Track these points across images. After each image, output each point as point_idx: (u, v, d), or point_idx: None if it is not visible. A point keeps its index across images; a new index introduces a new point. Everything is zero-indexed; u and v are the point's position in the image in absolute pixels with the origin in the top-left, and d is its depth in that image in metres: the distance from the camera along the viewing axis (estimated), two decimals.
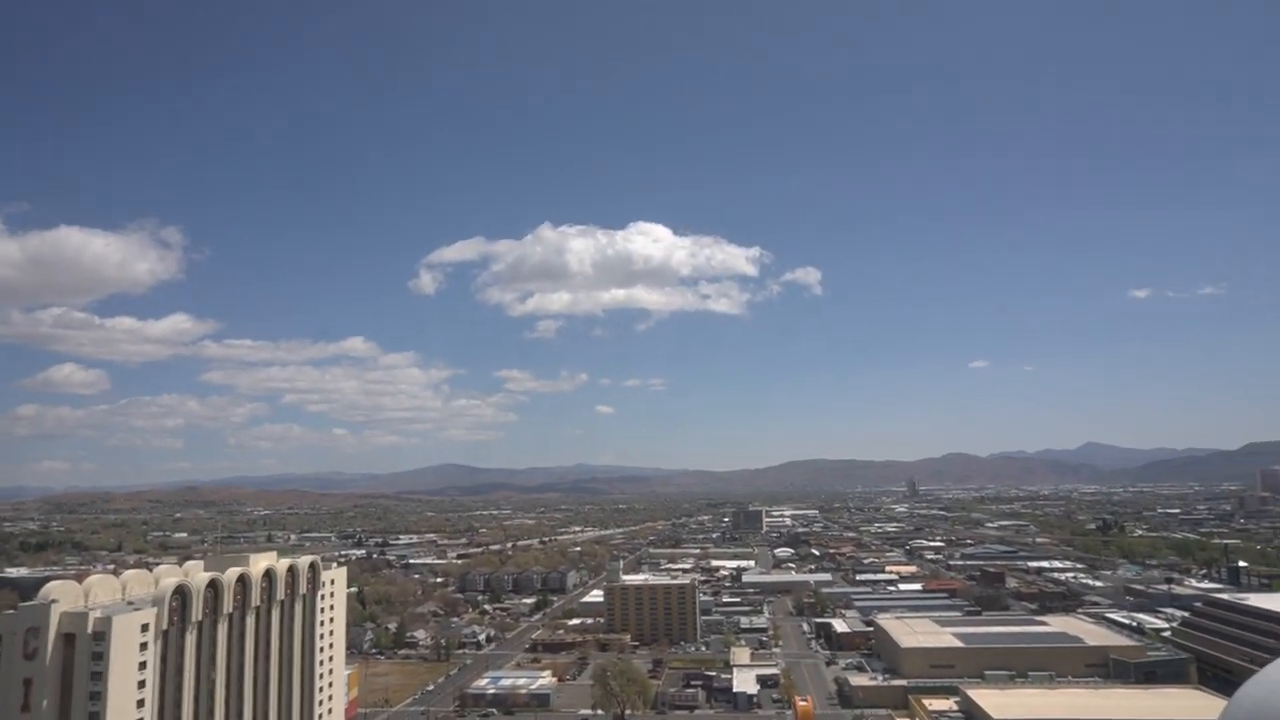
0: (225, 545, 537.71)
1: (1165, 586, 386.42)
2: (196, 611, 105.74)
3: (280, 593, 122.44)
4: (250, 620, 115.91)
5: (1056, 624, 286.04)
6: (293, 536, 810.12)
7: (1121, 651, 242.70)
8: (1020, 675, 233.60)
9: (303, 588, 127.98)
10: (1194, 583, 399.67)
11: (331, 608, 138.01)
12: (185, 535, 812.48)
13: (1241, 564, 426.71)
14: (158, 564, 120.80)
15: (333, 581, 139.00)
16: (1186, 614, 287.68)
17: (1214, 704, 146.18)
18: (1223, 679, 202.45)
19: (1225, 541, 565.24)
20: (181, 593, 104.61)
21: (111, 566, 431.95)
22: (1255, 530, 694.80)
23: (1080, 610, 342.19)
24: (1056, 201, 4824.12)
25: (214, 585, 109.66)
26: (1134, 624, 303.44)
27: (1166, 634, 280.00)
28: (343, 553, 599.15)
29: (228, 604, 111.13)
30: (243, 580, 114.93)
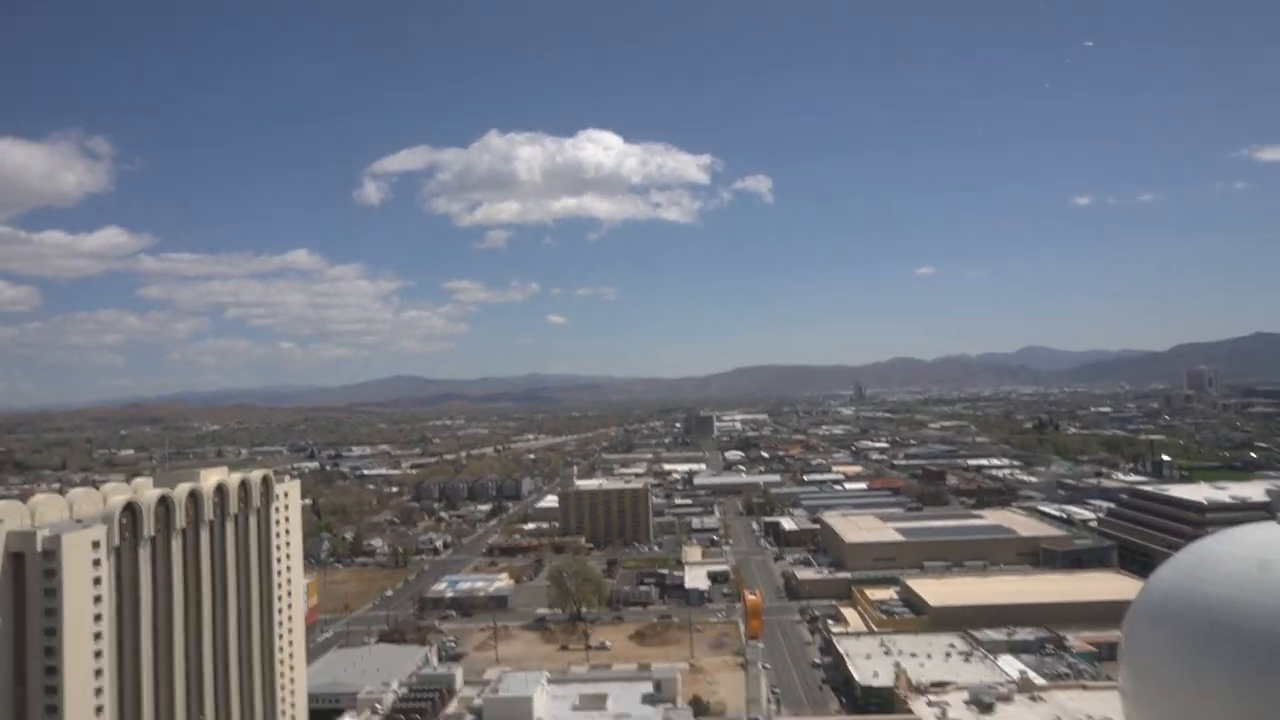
0: (174, 461, 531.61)
1: (1094, 480, 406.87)
2: (149, 528, 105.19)
3: (233, 507, 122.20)
4: (204, 535, 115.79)
5: (992, 517, 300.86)
6: (243, 451, 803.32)
7: (1050, 541, 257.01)
8: (957, 565, 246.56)
9: (256, 501, 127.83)
10: (1121, 476, 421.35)
11: (287, 520, 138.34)
12: (132, 453, 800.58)
13: (1165, 458, 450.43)
14: (105, 482, 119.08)
15: (286, 494, 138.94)
16: (1112, 505, 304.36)
17: (1132, 585, 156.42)
18: (1142, 563, 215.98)
19: (1151, 438, 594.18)
20: (132, 509, 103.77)
21: (57, 485, 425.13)
22: (1179, 426, 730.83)
23: (1015, 504, 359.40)
24: (1003, 110, 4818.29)
25: (165, 501, 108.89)
26: (1064, 515, 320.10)
27: (1093, 524, 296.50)
28: (295, 466, 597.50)
29: (180, 520, 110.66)
30: (194, 496, 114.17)
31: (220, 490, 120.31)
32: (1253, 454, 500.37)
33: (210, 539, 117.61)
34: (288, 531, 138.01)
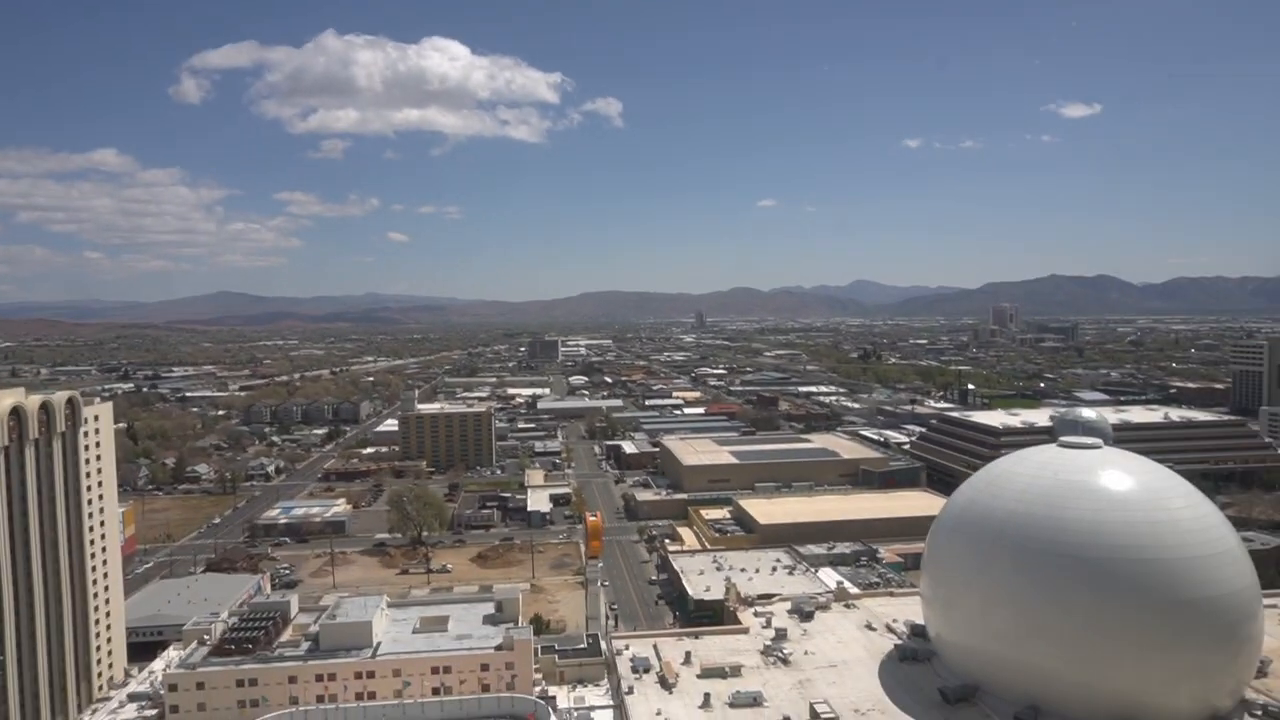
0: None
1: (909, 407, 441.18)
2: None
3: (33, 432, 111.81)
4: None
5: (819, 441, 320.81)
6: (43, 371, 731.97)
7: (869, 463, 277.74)
8: (785, 486, 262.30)
9: (60, 425, 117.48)
10: (932, 404, 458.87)
11: (98, 445, 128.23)
12: None
13: (970, 386, 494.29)
14: None
15: (96, 418, 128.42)
16: (924, 430, 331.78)
17: (937, 502, 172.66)
18: (947, 483, 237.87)
19: (959, 368, 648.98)
20: None
21: None
22: (984, 358, 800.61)
23: (840, 429, 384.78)
24: (845, 54, 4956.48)
25: None
26: (882, 439, 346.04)
27: (906, 447, 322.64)
28: (106, 387, 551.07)
29: None
30: None
31: (17, 414, 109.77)
32: (1041, 384, 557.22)
33: (6, 466, 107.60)
34: (99, 458, 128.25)
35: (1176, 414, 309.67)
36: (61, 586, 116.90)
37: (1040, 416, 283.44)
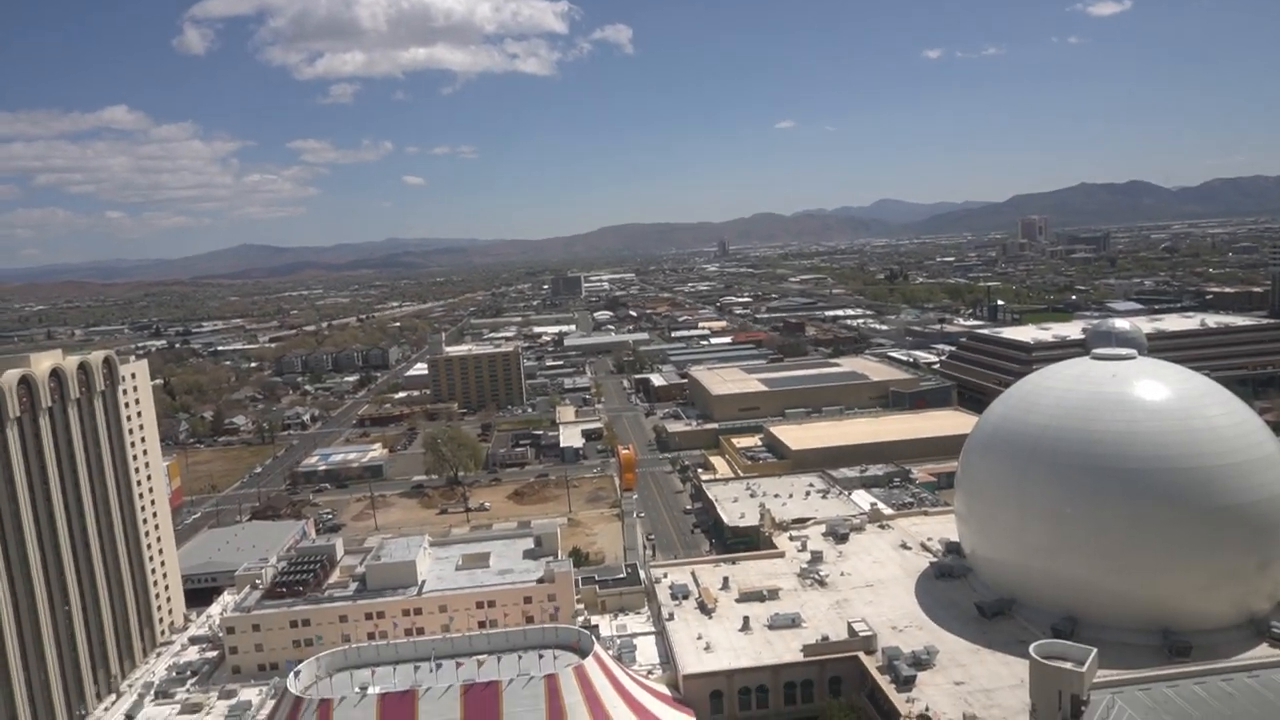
0: None
1: (938, 326, 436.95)
2: None
3: (74, 392, 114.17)
4: (44, 423, 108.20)
5: (847, 364, 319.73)
6: (77, 332, 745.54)
7: (899, 384, 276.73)
8: (815, 411, 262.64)
9: (100, 385, 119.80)
10: (962, 321, 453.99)
11: (137, 402, 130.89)
12: None
13: (1000, 303, 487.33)
14: None
15: (134, 375, 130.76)
16: (953, 348, 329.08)
17: (969, 421, 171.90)
18: (978, 401, 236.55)
19: (989, 284, 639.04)
20: None
21: None
22: (1013, 273, 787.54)
23: (868, 351, 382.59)
24: None
25: None
26: (911, 360, 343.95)
27: (936, 367, 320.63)
28: (140, 345, 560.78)
29: (12, 409, 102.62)
30: (26, 382, 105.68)
31: (56, 375, 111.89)
32: (1073, 296, 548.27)
33: (51, 427, 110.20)
34: (139, 414, 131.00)
35: (1213, 320, 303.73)
36: (116, 539, 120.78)
37: (1072, 330, 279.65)
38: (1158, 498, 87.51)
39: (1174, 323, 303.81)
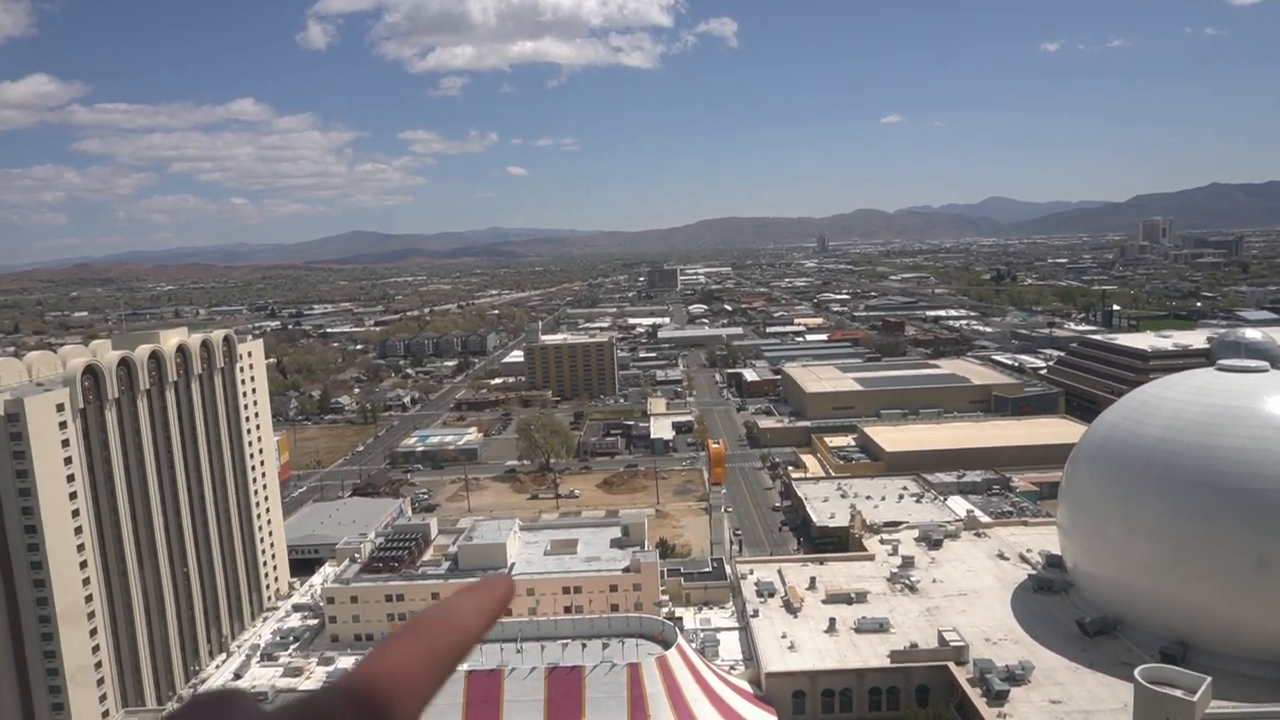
0: (131, 323, 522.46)
1: (1046, 330, 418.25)
2: (111, 390, 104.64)
3: (197, 367, 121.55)
4: (170, 396, 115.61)
5: (948, 367, 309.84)
6: (201, 311, 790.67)
7: (1002, 389, 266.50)
8: (912, 413, 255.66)
9: (220, 361, 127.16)
10: (1073, 326, 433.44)
11: (252, 379, 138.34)
12: (86, 314, 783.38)
13: (1115, 307, 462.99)
14: (61, 345, 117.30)
15: (250, 354, 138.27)
16: (1062, 354, 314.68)
17: (1077, 429, 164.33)
18: (1087, 409, 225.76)
19: (1104, 288, 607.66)
20: (93, 371, 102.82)
21: (11, 349, 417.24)
22: (1132, 277, 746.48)
23: (970, 354, 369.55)
24: None
25: (126, 363, 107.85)
26: (1016, 364, 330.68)
27: (1043, 372, 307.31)
28: (256, 325, 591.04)
29: (143, 381, 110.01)
30: (156, 357, 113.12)
31: (182, 351, 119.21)
32: (1198, 303, 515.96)
33: (176, 399, 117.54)
34: (254, 390, 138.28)
35: None
36: (230, 508, 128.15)
37: (1196, 338, 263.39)
38: None
39: None
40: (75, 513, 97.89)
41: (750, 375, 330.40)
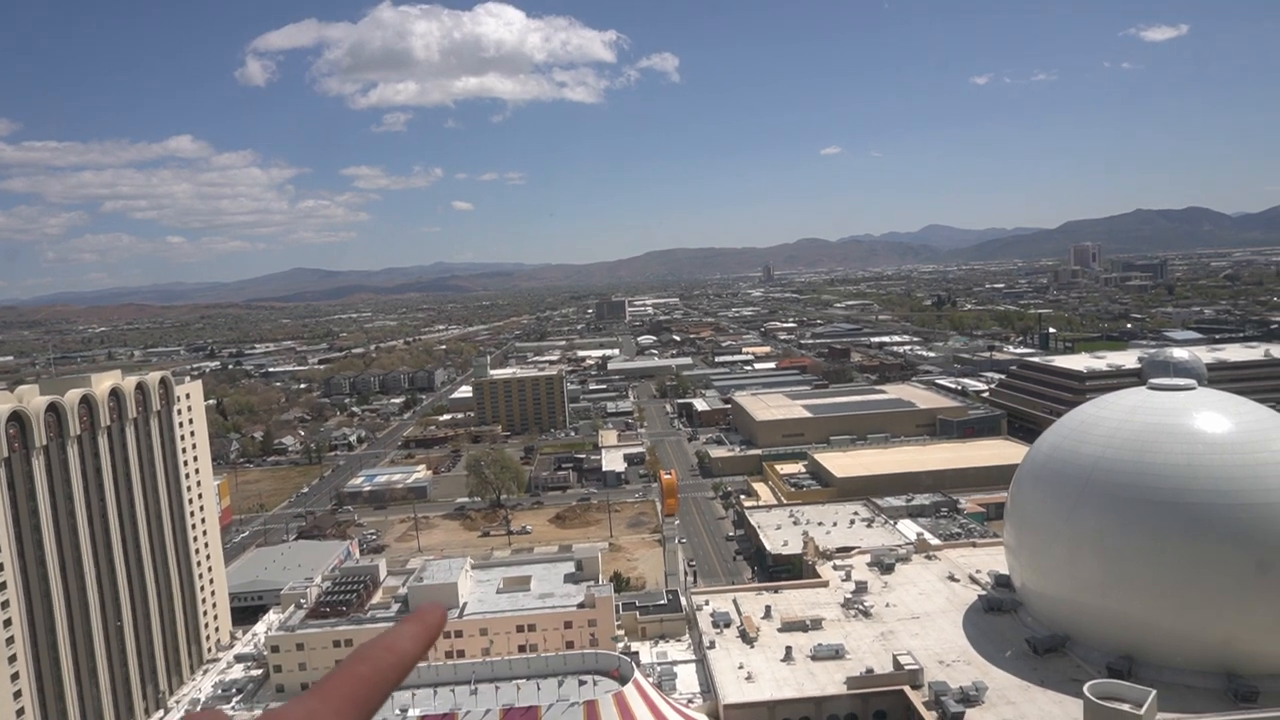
0: (60, 366, 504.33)
1: (987, 354, 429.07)
2: (39, 437, 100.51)
3: (131, 411, 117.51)
4: (102, 441, 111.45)
5: (894, 391, 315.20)
6: (136, 353, 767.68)
7: (946, 412, 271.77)
8: (861, 438, 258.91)
9: (156, 404, 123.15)
10: (1012, 349, 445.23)
11: (191, 421, 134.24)
12: (11, 359, 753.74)
13: (1051, 330, 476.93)
14: None
15: (188, 396, 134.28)
16: (1003, 376, 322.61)
17: (1019, 450, 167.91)
18: (1028, 430, 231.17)
19: (1040, 312, 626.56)
20: (18, 418, 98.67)
21: None
22: (1065, 300, 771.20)
23: (915, 379, 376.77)
24: None
25: (55, 409, 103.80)
26: (959, 388, 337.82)
27: (985, 395, 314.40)
28: (195, 366, 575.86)
29: (74, 427, 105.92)
30: (87, 401, 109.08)
31: (115, 394, 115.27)
32: (1128, 325, 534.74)
33: (109, 445, 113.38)
34: (193, 434, 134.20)
35: (1278, 350, 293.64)
36: (168, 556, 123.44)
37: (1128, 359, 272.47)
38: (1220, 534, 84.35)
39: (1236, 353, 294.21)
40: None
41: (701, 405, 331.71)
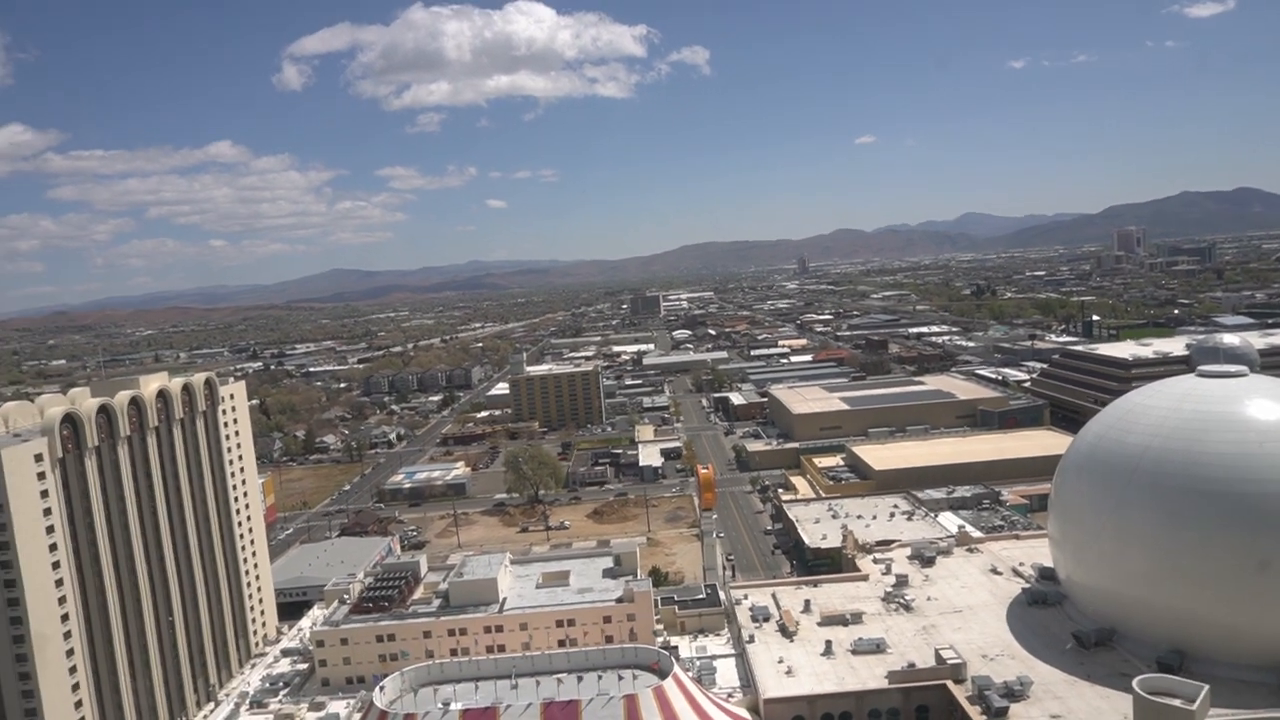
0: (110, 369, 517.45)
1: (1028, 342, 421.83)
2: (91, 438, 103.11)
3: (178, 412, 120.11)
4: (151, 442, 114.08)
5: (932, 383, 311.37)
6: (182, 355, 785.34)
7: (987, 403, 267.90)
8: (899, 430, 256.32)
9: (201, 405, 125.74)
10: (1054, 338, 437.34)
11: (235, 421, 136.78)
12: (64, 362, 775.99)
13: (1095, 318, 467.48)
14: (39, 394, 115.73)
15: (232, 396, 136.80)
16: (1045, 366, 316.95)
17: (1063, 441, 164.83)
18: (1072, 420, 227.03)
19: (1082, 299, 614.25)
20: (71, 420, 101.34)
21: None
22: (1109, 287, 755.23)
23: (954, 369, 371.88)
24: None
25: (105, 410, 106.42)
26: (999, 378, 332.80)
27: (1027, 385, 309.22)
28: (238, 367, 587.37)
29: (123, 428, 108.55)
30: (136, 403, 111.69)
31: (163, 396, 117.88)
32: (1175, 311, 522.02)
33: (157, 445, 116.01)
34: (237, 433, 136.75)
35: None
36: (215, 553, 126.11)
37: (1175, 345, 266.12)
38: (1274, 526, 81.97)
39: None
40: (55, 564, 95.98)
41: (737, 399, 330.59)
